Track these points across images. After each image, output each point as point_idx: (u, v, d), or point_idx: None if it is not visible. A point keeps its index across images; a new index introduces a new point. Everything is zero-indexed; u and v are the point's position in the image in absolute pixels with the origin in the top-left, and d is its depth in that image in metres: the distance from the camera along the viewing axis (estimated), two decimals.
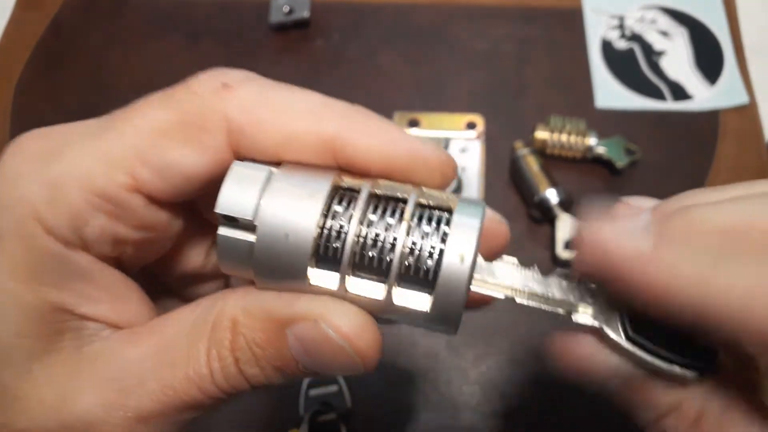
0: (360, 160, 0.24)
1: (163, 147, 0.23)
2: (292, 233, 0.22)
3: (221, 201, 0.23)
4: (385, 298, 0.23)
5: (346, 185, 0.24)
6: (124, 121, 0.24)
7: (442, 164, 0.24)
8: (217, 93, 0.24)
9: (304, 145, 0.24)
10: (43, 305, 0.24)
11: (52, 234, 0.23)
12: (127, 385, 0.24)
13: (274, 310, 0.23)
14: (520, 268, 0.25)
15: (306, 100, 0.24)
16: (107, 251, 0.25)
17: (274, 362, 0.24)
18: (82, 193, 0.23)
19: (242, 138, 0.24)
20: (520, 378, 0.51)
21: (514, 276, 0.25)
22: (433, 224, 0.23)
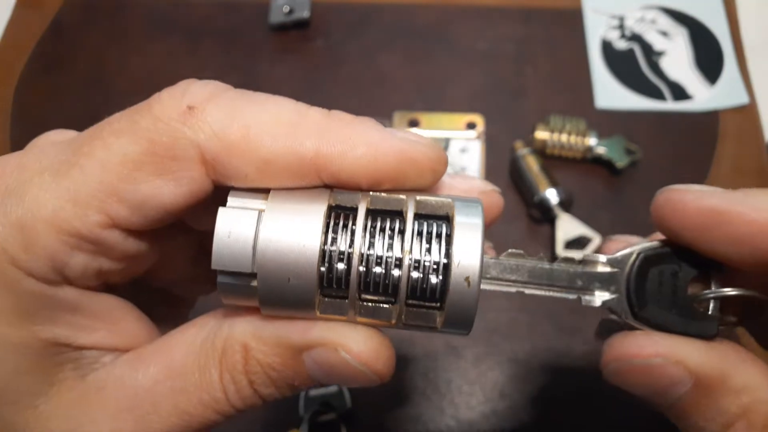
0: (346, 177, 0.23)
1: (136, 180, 0.22)
2: (294, 276, 0.22)
3: (216, 257, 0.22)
4: (396, 321, 0.23)
5: (339, 203, 0.23)
6: (87, 154, 0.22)
7: (431, 162, 0.24)
8: (183, 118, 0.22)
9: (284, 167, 0.22)
10: (37, 343, 0.23)
11: (33, 275, 0.22)
12: (142, 414, 0.24)
13: (290, 337, 0.23)
14: (527, 259, 0.25)
15: (279, 114, 0.23)
16: (92, 282, 0.24)
17: (290, 382, 0.24)
18: (56, 235, 0.22)
19: (218, 165, 0.22)
20: (520, 378, 0.51)
21: (522, 268, 0.25)
22: (434, 237, 0.22)
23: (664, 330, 0.24)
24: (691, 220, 0.23)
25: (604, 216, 0.57)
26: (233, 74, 0.66)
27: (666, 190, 0.24)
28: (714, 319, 0.24)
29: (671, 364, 0.23)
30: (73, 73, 0.67)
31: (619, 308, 0.25)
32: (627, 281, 0.25)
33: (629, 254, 0.25)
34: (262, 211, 0.22)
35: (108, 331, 0.25)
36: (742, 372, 0.23)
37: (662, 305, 0.24)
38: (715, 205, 0.23)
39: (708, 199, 0.23)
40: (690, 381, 0.23)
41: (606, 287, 0.25)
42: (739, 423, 0.23)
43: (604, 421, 0.49)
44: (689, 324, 0.24)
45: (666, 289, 0.25)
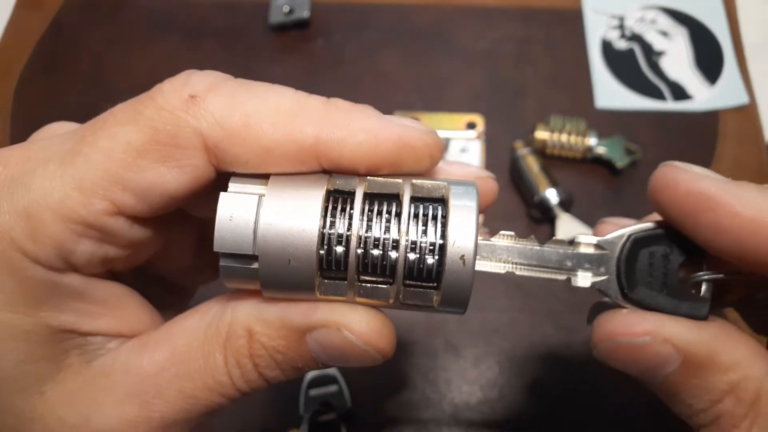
0: (345, 162, 0.23)
1: (140, 168, 0.23)
2: (294, 258, 0.22)
3: (217, 239, 0.22)
4: (393, 300, 0.23)
5: (337, 188, 0.23)
6: (92, 143, 0.23)
7: (429, 148, 0.24)
8: (186, 107, 0.23)
9: (285, 154, 0.23)
10: (43, 330, 0.24)
11: (40, 263, 0.23)
12: (147, 399, 0.24)
13: (293, 319, 0.24)
14: (517, 241, 0.26)
15: (280, 102, 0.23)
16: (98, 269, 0.25)
17: (294, 364, 0.25)
18: (62, 223, 0.22)
19: (220, 153, 0.23)
20: (520, 378, 0.51)
21: (512, 249, 0.26)
22: (430, 219, 0.23)
23: (654, 311, 0.24)
24: (679, 200, 0.23)
25: (604, 216, 0.57)
26: (233, 74, 0.66)
27: (665, 164, 0.24)
28: (705, 301, 0.24)
29: (659, 342, 0.23)
30: (73, 73, 0.67)
31: (609, 289, 0.25)
32: (617, 262, 0.25)
33: (620, 236, 0.25)
34: (263, 195, 0.23)
35: (113, 318, 0.25)
36: (730, 349, 0.23)
37: (652, 287, 0.25)
38: (705, 190, 0.23)
39: (700, 183, 0.23)
40: (678, 359, 0.23)
41: (596, 269, 0.25)
42: (727, 399, 0.23)
43: (604, 421, 0.49)
44: (680, 305, 0.24)
45: (657, 270, 0.25)
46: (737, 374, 0.23)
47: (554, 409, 0.50)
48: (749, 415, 0.23)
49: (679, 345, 0.23)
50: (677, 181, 0.24)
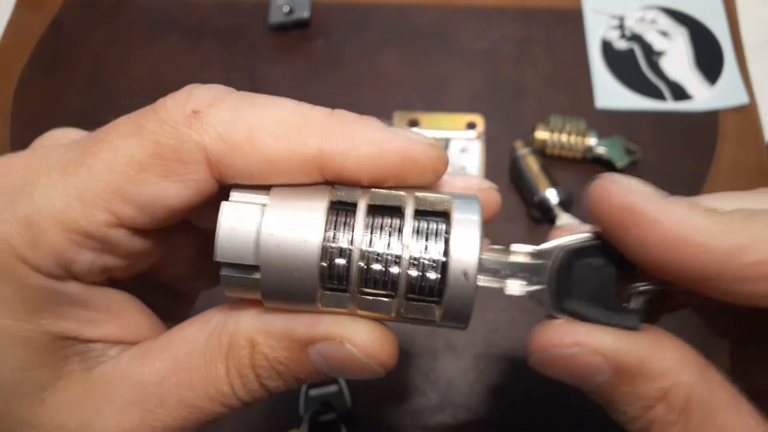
0: (348, 175, 0.23)
1: (142, 182, 0.23)
2: (296, 269, 0.22)
3: (219, 249, 0.22)
4: (395, 314, 0.23)
5: (340, 199, 0.23)
6: (94, 155, 0.23)
7: (432, 162, 0.24)
8: (188, 121, 0.23)
9: (288, 167, 0.23)
10: (44, 337, 0.24)
11: (40, 271, 0.23)
12: (148, 408, 0.24)
13: (296, 331, 0.24)
14: None
15: (282, 115, 0.23)
16: (98, 278, 0.25)
17: (296, 375, 0.25)
18: (63, 232, 0.22)
19: (223, 167, 0.23)
20: (520, 378, 0.51)
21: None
22: (433, 234, 0.23)
23: (587, 322, 0.24)
24: (610, 213, 0.23)
25: None
26: (233, 74, 0.66)
27: (600, 177, 0.24)
28: (635, 313, 0.24)
29: (588, 353, 0.23)
30: (73, 73, 0.67)
31: (542, 300, 0.25)
32: (552, 273, 0.25)
33: (556, 246, 0.25)
34: (265, 205, 0.23)
35: (114, 325, 0.26)
36: (660, 357, 0.23)
37: (586, 298, 0.25)
38: (634, 205, 0.23)
39: (629, 197, 0.23)
40: (609, 369, 0.23)
41: (531, 278, 0.25)
42: (659, 406, 0.23)
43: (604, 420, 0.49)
44: (612, 316, 0.24)
45: (591, 282, 0.25)
46: (668, 381, 0.23)
47: (555, 409, 0.50)
48: (680, 420, 0.23)
49: (608, 355, 0.23)
50: (609, 193, 0.23)
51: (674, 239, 0.22)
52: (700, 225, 0.22)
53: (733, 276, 0.21)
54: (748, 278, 0.21)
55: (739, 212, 0.22)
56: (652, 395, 0.23)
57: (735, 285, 0.22)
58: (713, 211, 0.22)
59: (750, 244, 0.21)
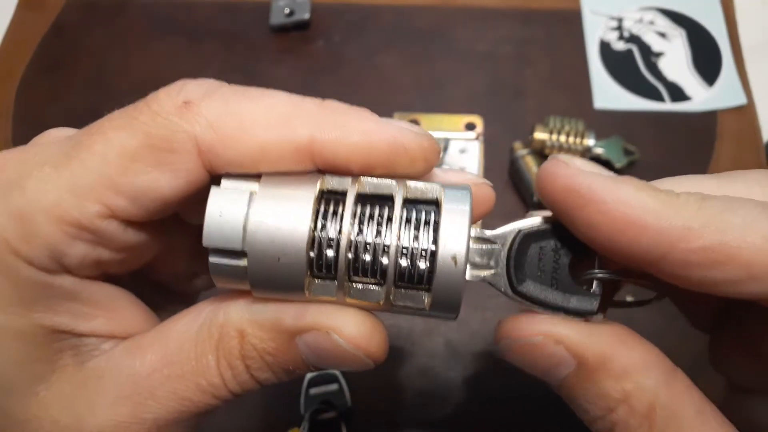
0: (339, 162, 0.23)
1: (135, 173, 0.23)
2: (284, 255, 0.22)
3: (207, 234, 0.22)
4: (384, 302, 0.23)
5: (330, 188, 0.23)
6: (87, 148, 0.23)
7: (423, 151, 0.24)
8: (180, 112, 0.23)
9: (279, 155, 0.23)
10: (37, 331, 0.24)
11: (33, 264, 0.23)
12: (140, 400, 0.24)
13: (284, 321, 0.24)
14: None
15: (274, 105, 0.23)
16: (91, 272, 0.25)
17: (285, 366, 0.25)
18: (55, 225, 0.23)
19: (214, 156, 0.23)
20: (520, 376, 0.51)
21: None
22: (423, 222, 0.23)
23: (543, 305, 0.24)
24: (558, 195, 0.23)
25: None
26: (234, 75, 0.67)
27: (550, 158, 0.24)
28: (594, 296, 0.24)
29: (552, 343, 0.23)
30: (75, 74, 0.67)
31: (498, 283, 0.25)
32: (507, 257, 0.25)
33: (511, 230, 0.25)
34: (254, 192, 0.23)
35: (107, 319, 0.26)
36: (623, 356, 0.23)
37: (542, 281, 0.25)
38: (580, 186, 0.22)
39: (576, 179, 0.23)
40: (573, 362, 0.23)
41: (486, 262, 0.25)
42: (621, 408, 0.23)
43: None
44: (569, 299, 0.24)
45: (546, 265, 0.25)
46: (630, 383, 0.23)
47: (555, 407, 0.50)
48: (644, 426, 0.22)
49: (570, 347, 0.23)
50: (556, 175, 0.23)
51: (620, 220, 0.21)
52: (648, 206, 0.21)
53: (681, 260, 0.21)
54: (694, 263, 0.21)
55: (693, 196, 0.22)
56: (614, 396, 0.23)
57: (682, 270, 0.21)
58: (666, 192, 0.22)
59: (699, 229, 0.21)
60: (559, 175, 0.23)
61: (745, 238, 0.20)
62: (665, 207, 0.21)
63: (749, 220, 0.20)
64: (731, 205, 0.21)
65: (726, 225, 0.21)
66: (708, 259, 0.21)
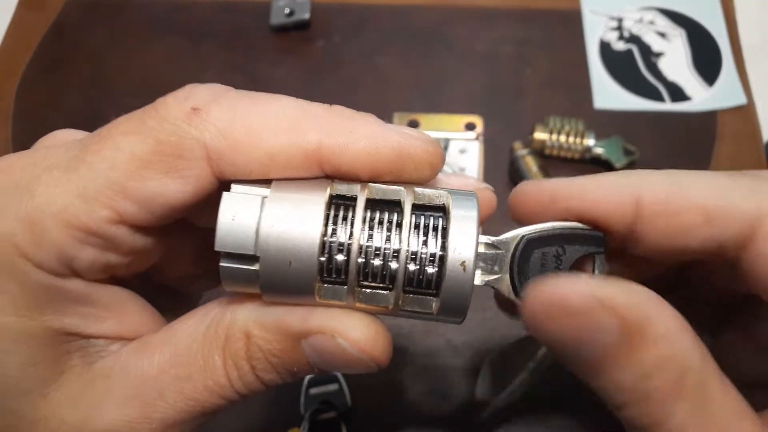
0: (347, 168, 0.23)
1: (143, 178, 0.23)
2: (295, 260, 0.22)
3: (219, 239, 0.22)
4: (393, 306, 0.24)
5: (339, 193, 0.24)
6: (96, 152, 0.23)
7: (429, 156, 0.24)
8: (189, 119, 0.23)
9: (287, 162, 0.23)
10: (46, 333, 0.24)
11: (42, 268, 0.23)
12: (147, 400, 0.24)
13: (289, 324, 0.24)
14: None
15: (282, 111, 0.23)
16: (100, 276, 0.25)
17: (290, 368, 0.25)
18: (65, 229, 0.23)
19: (223, 163, 0.23)
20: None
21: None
22: (431, 228, 0.23)
23: None
24: (532, 204, 0.27)
25: None
26: (234, 75, 0.67)
27: (516, 188, 0.28)
28: None
29: (596, 304, 0.21)
30: (75, 74, 0.67)
31: (501, 287, 0.26)
32: (511, 262, 0.25)
33: (514, 236, 0.26)
34: (266, 197, 0.23)
35: (115, 321, 0.26)
36: (662, 319, 0.21)
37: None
38: (547, 189, 0.27)
39: (542, 185, 0.27)
40: (616, 326, 0.21)
41: (490, 267, 0.26)
42: (657, 375, 0.21)
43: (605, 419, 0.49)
44: None
45: (548, 270, 0.26)
46: (667, 348, 0.21)
47: (555, 406, 0.50)
48: (675, 392, 0.21)
49: (616, 309, 0.21)
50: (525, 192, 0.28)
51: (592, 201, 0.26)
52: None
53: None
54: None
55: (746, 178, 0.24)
56: (651, 362, 0.21)
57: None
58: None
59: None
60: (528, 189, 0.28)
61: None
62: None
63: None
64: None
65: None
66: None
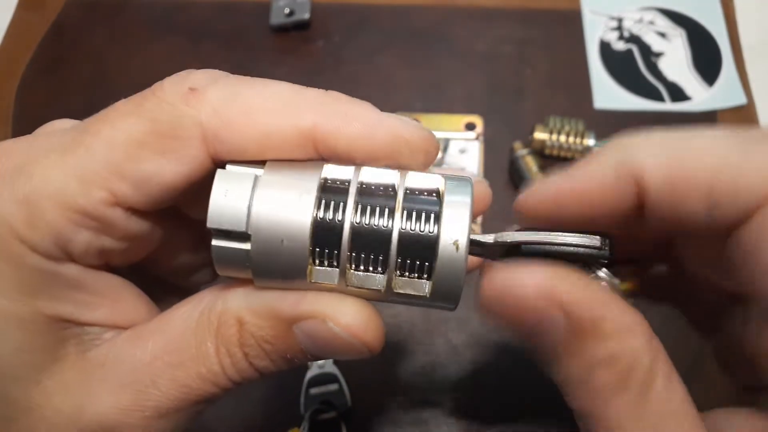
0: (342, 150, 0.23)
1: (139, 159, 0.23)
2: (287, 238, 0.22)
3: (211, 215, 0.22)
4: (385, 289, 0.23)
5: (333, 176, 0.24)
6: (93, 134, 0.23)
7: (424, 142, 0.24)
8: (186, 99, 0.23)
9: (283, 141, 0.23)
10: (40, 319, 0.24)
11: (37, 251, 0.23)
12: (141, 388, 0.24)
13: (281, 309, 0.24)
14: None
15: (278, 93, 0.24)
16: (95, 261, 0.25)
17: (283, 354, 0.25)
18: (61, 211, 0.23)
19: (218, 143, 0.23)
20: (520, 376, 0.51)
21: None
22: (424, 211, 0.23)
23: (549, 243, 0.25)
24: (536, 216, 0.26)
25: None
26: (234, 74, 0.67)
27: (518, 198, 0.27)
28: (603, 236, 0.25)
29: (547, 297, 0.22)
30: (75, 74, 0.67)
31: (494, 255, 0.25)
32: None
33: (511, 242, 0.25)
34: (259, 176, 0.23)
35: (110, 309, 0.26)
36: (616, 316, 0.22)
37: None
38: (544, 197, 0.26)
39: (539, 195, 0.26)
40: (563, 319, 0.22)
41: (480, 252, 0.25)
42: (603, 369, 0.22)
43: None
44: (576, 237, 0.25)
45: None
46: (615, 345, 0.22)
47: (556, 406, 0.50)
48: (618, 387, 0.22)
49: (567, 303, 0.22)
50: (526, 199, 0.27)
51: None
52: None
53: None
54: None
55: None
56: (600, 356, 0.22)
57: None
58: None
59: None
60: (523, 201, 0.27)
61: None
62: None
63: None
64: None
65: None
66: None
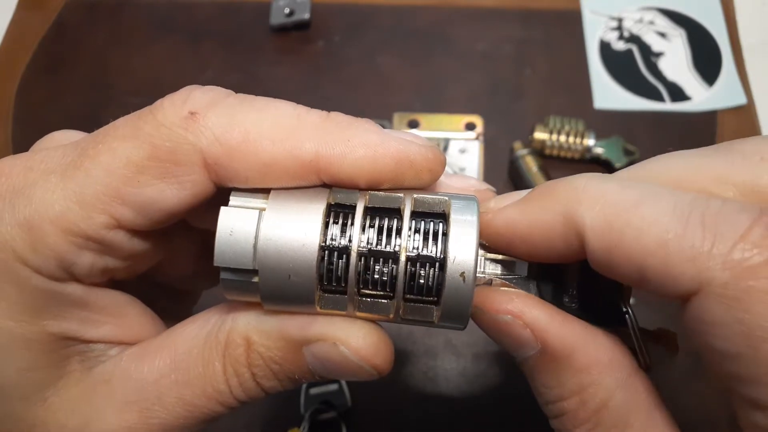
0: (345, 177, 0.23)
1: (140, 184, 0.23)
2: (294, 273, 0.22)
3: (218, 254, 0.22)
4: (394, 315, 0.23)
5: (338, 202, 0.23)
6: (92, 158, 0.23)
7: (428, 163, 0.24)
8: (185, 124, 0.23)
9: (284, 170, 0.23)
10: (45, 337, 0.24)
11: (41, 273, 0.23)
12: (147, 406, 0.24)
13: (291, 332, 0.24)
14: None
15: (279, 118, 0.23)
16: (98, 279, 0.25)
17: (291, 375, 0.25)
18: (63, 235, 0.23)
19: (220, 169, 0.23)
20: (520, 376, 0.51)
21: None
22: (431, 234, 0.23)
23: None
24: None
25: None
26: (234, 75, 0.67)
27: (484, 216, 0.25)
28: (619, 313, 0.25)
29: (519, 325, 0.23)
30: (75, 74, 0.67)
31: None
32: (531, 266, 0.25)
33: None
34: (263, 210, 0.23)
35: (114, 325, 0.26)
36: (589, 351, 0.23)
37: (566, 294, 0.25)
38: (509, 232, 0.24)
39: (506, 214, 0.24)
40: (536, 346, 0.23)
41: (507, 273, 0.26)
42: (573, 399, 0.23)
43: None
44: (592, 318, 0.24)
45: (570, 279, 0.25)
46: (588, 378, 0.23)
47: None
48: (591, 420, 0.23)
49: (537, 333, 0.23)
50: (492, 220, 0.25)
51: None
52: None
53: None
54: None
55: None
56: (570, 387, 0.23)
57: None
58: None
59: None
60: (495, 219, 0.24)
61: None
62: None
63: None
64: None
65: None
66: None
